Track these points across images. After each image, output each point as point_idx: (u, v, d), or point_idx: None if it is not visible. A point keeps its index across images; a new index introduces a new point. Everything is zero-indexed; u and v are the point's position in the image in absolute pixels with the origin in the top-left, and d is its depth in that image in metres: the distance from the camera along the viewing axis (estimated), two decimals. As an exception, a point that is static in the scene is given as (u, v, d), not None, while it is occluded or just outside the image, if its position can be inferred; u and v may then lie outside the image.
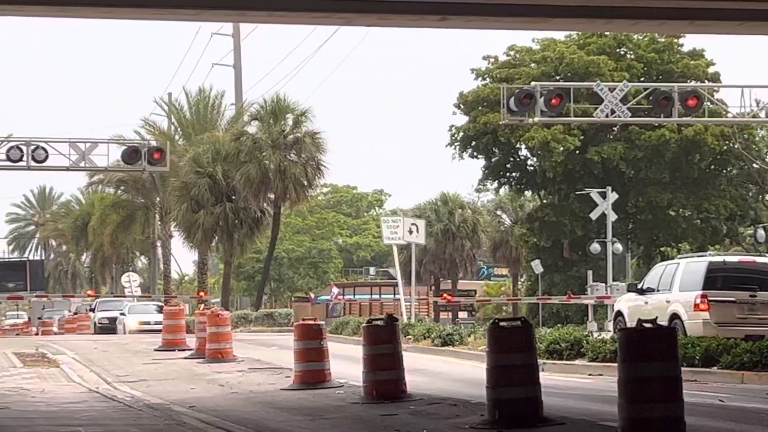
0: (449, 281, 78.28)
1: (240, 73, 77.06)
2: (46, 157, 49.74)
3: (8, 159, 48.82)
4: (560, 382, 23.57)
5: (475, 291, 78.09)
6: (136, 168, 53.40)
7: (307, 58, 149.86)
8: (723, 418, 16.68)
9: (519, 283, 75.84)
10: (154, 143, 59.04)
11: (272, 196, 68.45)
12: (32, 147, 49.50)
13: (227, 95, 75.95)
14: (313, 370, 22.77)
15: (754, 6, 22.75)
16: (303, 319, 25.10)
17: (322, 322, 24.88)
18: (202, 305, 41.85)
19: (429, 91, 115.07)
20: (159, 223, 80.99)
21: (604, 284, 53.97)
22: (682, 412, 13.33)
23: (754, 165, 63.90)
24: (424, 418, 16.88)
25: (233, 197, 68.19)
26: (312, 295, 76.95)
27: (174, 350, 34.44)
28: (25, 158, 48.92)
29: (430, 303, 67.21)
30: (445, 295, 65.08)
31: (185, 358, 32.06)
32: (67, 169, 52.25)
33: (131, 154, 51.68)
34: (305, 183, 68.15)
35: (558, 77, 58.77)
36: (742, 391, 22.78)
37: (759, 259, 35.12)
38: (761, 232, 49.86)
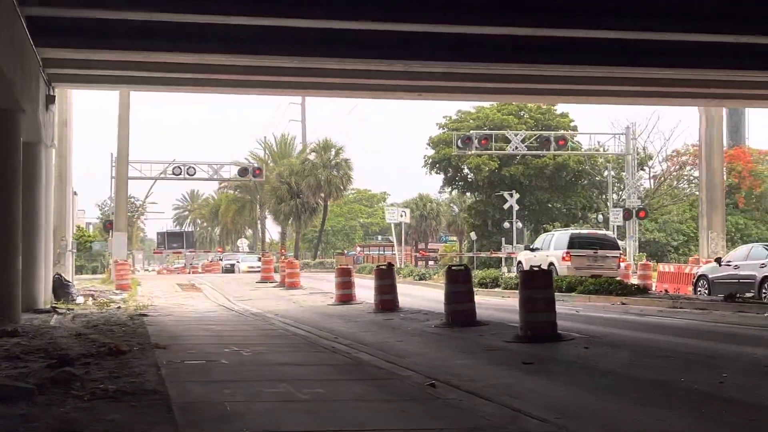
0: (423, 244, 78.28)
1: (305, 124, 77.23)
2: (195, 172, 50.05)
3: (173, 173, 49.53)
4: (486, 301, 23.60)
5: (438, 249, 77.88)
6: (246, 179, 53.59)
7: (345, 114, 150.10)
8: (578, 321, 16.72)
9: (463, 244, 75.71)
10: (256, 165, 59.21)
11: (323, 195, 68.66)
12: (187, 167, 49.82)
13: (297, 137, 76.05)
14: (346, 294, 22.82)
15: (598, 88, 22.76)
16: (340, 265, 25.14)
17: (351, 267, 24.95)
18: (283, 257, 41.73)
19: (415, 133, 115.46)
20: (259, 210, 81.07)
21: (511, 245, 53.98)
22: (555, 317, 13.38)
23: (597, 178, 63.86)
24: (409, 321, 16.92)
25: (300, 196, 68.27)
26: (345, 251, 76.96)
27: (267, 282, 34.49)
28: (182, 174, 49.31)
29: (412, 256, 67.10)
30: (421, 251, 65.06)
31: (273, 287, 32.09)
32: (207, 179, 52.60)
33: (243, 171, 51.92)
34: (342, 188, 68.41)
35: (485, 128, 58.56)
36: (590, 306, 22.85)
37: (599, 232, 35.28)
38: (600, 217, 49.94)
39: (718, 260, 25.45)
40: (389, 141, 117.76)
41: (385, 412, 7.47)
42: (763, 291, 22.25)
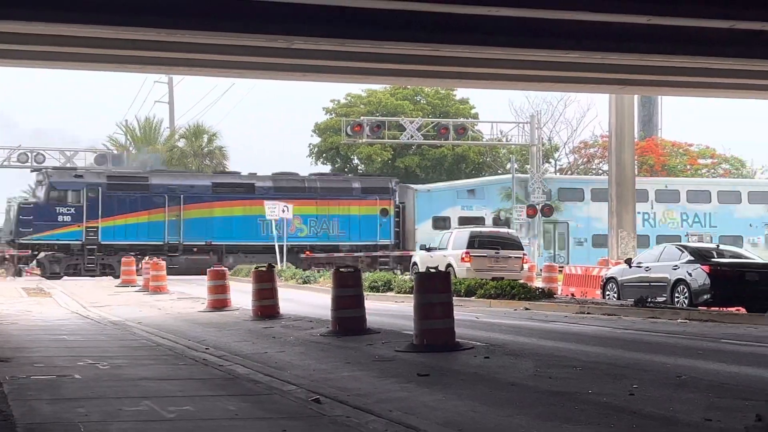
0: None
1: (173, 106, 75.56)
2: (44, 160, 49.00)
3: (18, 161, 48.43)
4: (378, 306, 23.71)
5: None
6: (104, 168, 52.58)
7: (219, 97, 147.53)
8: (479, 329, 16.99)
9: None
10: (115, 152, 58.21)
11: (193, 188, 67.66)
12: (34, 153, 48.80)
13: (165, 121, 74.91)
14: (219, 299, 22.56)
15: (500, 72, 23.11)
16: (213, 267, 24.84)
17: (225, 268, 24.69)
18: (147, 257, 40.96)
19: (300, 118, 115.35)
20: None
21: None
22: (453, 324, 13.55)
23: (499, 171, 65.01)
24: (291, 330, 16.87)
25: (168, 188, 67.20)
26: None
27: (128, 287, 33.82)
28: (29, 161, 48.16)
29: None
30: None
31: (136, 291, 31.51)
32: (58, 168, 51.25)
33: (100, 159, 51.20)
34: (215, 180, 67.48)
35: (377, 114, 58.93)
36: (490, 312, 23.23)
37: (501, 230, 35.97)
38: (502, 213, 50.86)
39: (629, 261, 26.20)
40: (271, 127, 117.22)
41: (264, 431, 7.41)
42: (676, 295, 23.04)
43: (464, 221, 47.33)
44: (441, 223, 47.24)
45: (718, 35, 18.39)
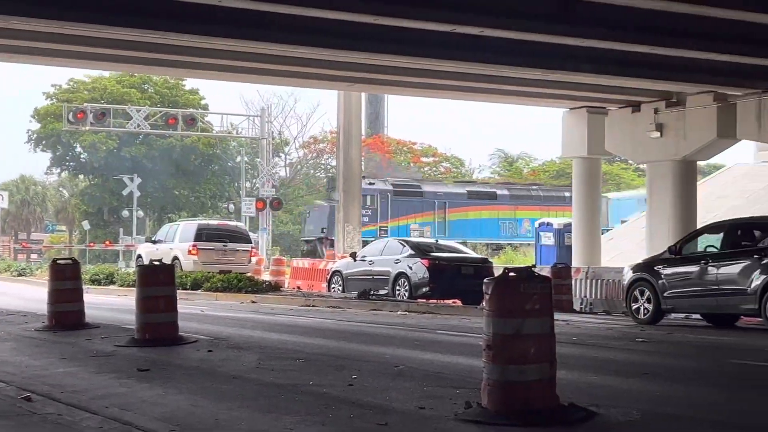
0: (26, 234, 74.77)
1: None
2: None
3: None
4: (99, 300, 23.00)
5: (43, 240, 74.70)
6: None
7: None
8: (204, 322, 16.86)
9: (74, 235, 73.26)
10: None
11: None
12: None
13: None
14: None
15: (229, 63, 22.95)
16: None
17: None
18: None
19: (18, 103, 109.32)
20: None
21: (130, 237, 53.13)
22: (176, 317, 13.38)
23: (229, 164, 64.81)
24: (2, 324, 16.01)
25: None
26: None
27: None
28: None
29: (11, 248, 63.77)
30: (23, 242, 62.17)
31: None
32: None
33: None
34: None
35: (103, 101, 57.09)
36: (217, 305, 23.15)
37: (230, 223, 35.87)
38: (232, 206, 50.81)
39: (353, 255, 26.84)
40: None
41: (-34, 433, 7.00)
42: (397, 288, 23.84)
43: None
44: None
45: (441, 38, 19.20)
